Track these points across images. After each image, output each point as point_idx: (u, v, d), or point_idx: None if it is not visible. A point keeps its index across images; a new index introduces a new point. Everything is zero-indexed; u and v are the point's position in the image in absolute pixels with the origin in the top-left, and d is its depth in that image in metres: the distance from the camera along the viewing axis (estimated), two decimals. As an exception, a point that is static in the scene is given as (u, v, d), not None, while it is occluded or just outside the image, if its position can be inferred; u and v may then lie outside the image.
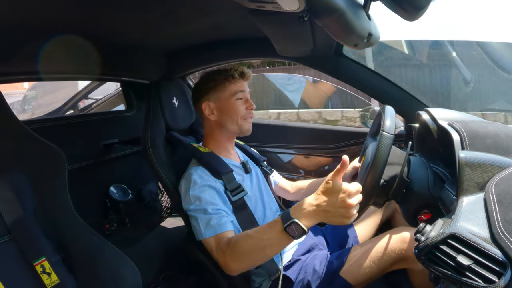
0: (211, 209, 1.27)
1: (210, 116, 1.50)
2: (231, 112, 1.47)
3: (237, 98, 1.47)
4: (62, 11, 1.05)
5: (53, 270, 1.04)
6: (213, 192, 1.33)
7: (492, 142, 0.99)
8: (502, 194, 0.77)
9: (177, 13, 1.21)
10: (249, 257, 1.14)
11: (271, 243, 1.08)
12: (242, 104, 1.48)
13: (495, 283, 0.66)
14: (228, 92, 1.47)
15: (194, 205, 1.30)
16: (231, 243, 1.17)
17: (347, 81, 1.76)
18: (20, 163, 1.11)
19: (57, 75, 1.62)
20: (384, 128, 1.10)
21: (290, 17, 0.99)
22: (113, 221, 2.02)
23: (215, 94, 1.49)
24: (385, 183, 1.14)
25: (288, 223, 1.01)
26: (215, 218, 1.26)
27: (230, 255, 1.15)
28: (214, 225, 1.25)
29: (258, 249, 1.11)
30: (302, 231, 1.01)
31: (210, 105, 1.49)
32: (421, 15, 0.89)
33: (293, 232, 1.01)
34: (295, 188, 1.78)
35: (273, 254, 1.13)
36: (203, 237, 1.26)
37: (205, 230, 1.25)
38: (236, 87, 1.48)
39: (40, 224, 1.09)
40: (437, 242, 0.77)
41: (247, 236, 1.15)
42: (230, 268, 1.17)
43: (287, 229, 1.02)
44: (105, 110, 3.02)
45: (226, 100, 1.47)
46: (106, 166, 2.05)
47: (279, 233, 1.04)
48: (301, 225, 1.00)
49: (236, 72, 1.48)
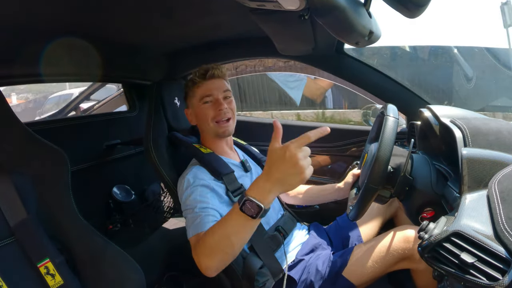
0: (199, 208, 1.25)
1: (192, 122, 1.53)
2: (202, 117, 1.47)
3: (204, 102, 1.46)
4: (63, 13, 1.06)
5: (57, 271, 1.04)
6: (205, 191, 1.31)
7: (495, 139, 0.98)
8: (505, 191, 0.77)
9: (178, 13, 1.21)
10: (216, 250, 1.08)
11: (233, 229, 1.04)
12: (210, 107, 1.45)
13: (499, 281, 0.66)
14: (197, 97, 1.47)
15: (185, 205, 1.30)
16: (200, 240, 1.12)
17: (349, 79, 1.75)
18: (23, 165, 1.12)
19: (59, 77, 1.62)
20: (389, 114, 1.11)
21: (291, 15, 0.99)
22: (116, 221, 2.03)
23: (190, 101, 1.52)
24: (392, 170, 1.13)
25: (242, 202, 0.98)
26: (199, 216, 1.23)
27: (200, 253, 1.10)
28: (198, 223, 1.21)
29: (223, 239, 1.05)
30: (258, 208, 0.96)
31: (189, 111, 1.52)
32: (421, 12, 0.89)
33: (248, 210, 0.97)
34: (294, 192, 1.78)
35: (239, 243, 1.07)
36: (188, 236, 1.23)
37: (189, 228, 1.23)
38: (202, 90, 1.47)
39: (44, 225, 1.09)
40: (440, 240, 0.76)
41: (211, 229, 1.11)
42: (203, 266, 1.10)
43: (242, 208, 0.98)
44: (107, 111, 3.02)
45: (197, 106, 1.48)
46: (108, 167, 2.06)
47: (237, 215, 1.00)
48: (255, 201, 0.96)
49: (196, 75, 1.47)
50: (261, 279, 1.38)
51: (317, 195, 1.72)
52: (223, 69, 1.52)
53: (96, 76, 1.74)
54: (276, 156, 0.95)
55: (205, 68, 1.48)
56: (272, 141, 0.97)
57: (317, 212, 1.43)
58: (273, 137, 0.98)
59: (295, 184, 0.95)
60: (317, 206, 1.96)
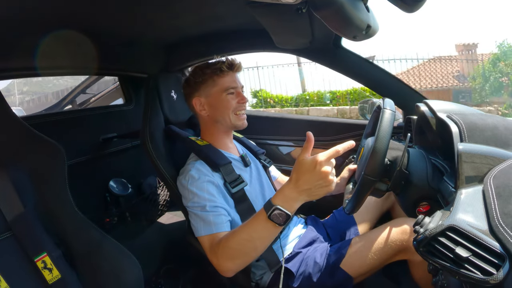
0: (209, 206, 1.26)
1: (201, 111, 1.48)
2: (222, 107, 1.44)
3: (228, 92, 1.44)
4: (59, 5, 1.05)
5: (54, 265, 1.04)
6: (212, 188, 1.31)
7: (491, 134, 0.99)
8: (500, 187, 0.77)
9: (175, 5, 1.21)
10: (240, 254, 1.15)
11: (259, 235, 1.10)
12: (234, 98, 1.45)
13: (494, 275, 0.66)
14: (219, 87, 1.44)
15: (192, 202, 1.29)
16: (221, 243, 1.17)
17: (346, 73, 1.75)
18: (19, 159, 1.11)
19: (55, 70, 1.61)
20: (386, 107, 1.11)
21: (288, 9, 0.99)
22: (113, 215, 2.03)
23: (205, 89, 1.46)
24: (388, 163, 1.13)
25: (271, 211, 1.04)
26: (211, 215, 1.25)
27: (221, 255, 1.15)
28: (211, 223, 1.24)
29: (247, 243, 1.12)
30: (286, 216, 1.04)
31: (201, 100, 1.47)
32: (420, 7, 0.89)
33: (277, 218, 1.04)
34: None
35: (262, 247, 1.15)
36: (199, 234, 1.25)
37: (202, 227, 1.25)
38: (226, 81, 1.45)
39: (41, 219, 1.09)
40: (435, 234, 0.77)
41: (234, 233, 1.16)
42: (224, 268, 1.17)
43: (271, 216, 1.05)
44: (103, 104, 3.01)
45: (217, 95, 1.45)
46: (105, 160, 2.06)
47: (264, 222, 1.07)
48: (284, 210, 1.03)
49: (224, 64, 1.45)
50: (258, 272, 1.39)
51: None
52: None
53: (92, 69, 1.73)
54: (305, 168, 1.01)
55: (231, 60, 1.47)
56: (302, 152, 1.03)
57: (314, 206, 1.44)
58: (304, 148, 1.03)
59: (321, 195, 1.04)
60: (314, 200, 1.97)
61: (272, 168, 1.79)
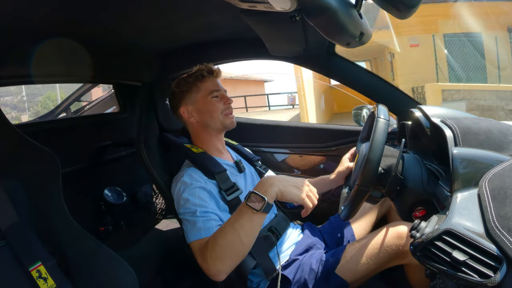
0: (199, 211, 1.26)
1: (190, 119, 1.51)
2: (210, 110, 1.48)
3: (213, 96, 1.49)
4: (53, 13, 1.05)
5: (49, 275, 1.03)
6: (204, 193, 1.31)
7: (485, 138, 0.99)
8: (495, 190, 0.78)
9: (169, 13, 1.21)
10: (227, 252, 1.13)
11: (242, 226, 1.11)
12: (219, 101, 1.50)
13: (491, 278, 0.66)
14: (203, 92, 1.49)
15: (183, 208, 1.29)
16: (208, 244, 1.15)
17: (340, 80, 1.76)
18: (13, 168, 1.10)
19: (49, 78, 1.61)
20: (379, 116, 1.12)
21: (282, 16, 0.99)
22: (108, 224, 2.01)
23: (190, 97, 1.50)
24: (383, 172, 1.14)
25: (247, 195, 1.10)
26: (201, 221, 1.24)
27: (210, 257, 1.13)
28: (200, 228, 1.23)
29: (233, 238, 1.11)
30: (262, 200, 1.08)
31: (188, 108, 1.51)
32: (412, 13, 0.90)
33: (253, 203, 1.08)
34: None
35: (248, 241, 1.14)
36: (189, 240, 1.24)
37: (191, 233, 1.24)
38: (209, 85, 1.50)
39: (35, 228, 1.08)
40: (432, 238, 0.77)
41: (219, 231, 1.16)
42: (214, 271, 1.13)
43: (248, 201, 1.09)
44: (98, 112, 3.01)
45: (203, 100, 1.49)
46: (100, 168, 2.04)
47: (244, 210, 1.10)
48: (259, 194, 1.09)
49: (204, 70, 1.50)
50: (255, 280, 1.39)
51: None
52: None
53: (87, 77, 1.72)
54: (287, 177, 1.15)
55: (210, 66, 1.53)
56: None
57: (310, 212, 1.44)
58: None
59: (292, 195, 1.12)
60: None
61: (268, 174, 1.79)
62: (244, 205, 1.10)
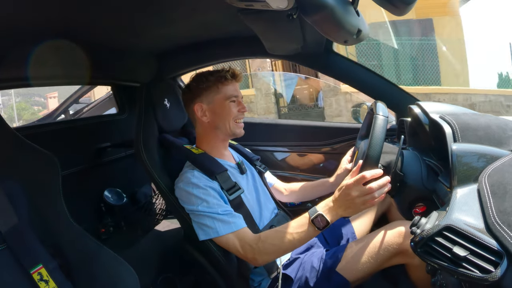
0: (221, 210, 1.30)
1: (202, 117, 1.48)
2: (224, 114, 1.46)
3: (231, 100, 1.47)
4: (51, 15, 1.04)
5: (50, 277, 1.02)
6: (216, 194, 1.33)
7: (484, 133, 0.99)
8: (495, 185, 0.78)
9: (166, 12, 1.21)
10: (279, 250, 1.26)
11: (300, 236, 1.21)
12: (235, 107, 1.48)
13: (492, 273, 0.66)
14: (222, 94, 1.46)
15: (202, 206, 1.30)
16: (261, 239, 1.27)
17: (338, 78, 1.76)
18: (13, 170, 1.10)
19: (47, 81, 1.60)
20: (378, 113, 1.13)
21: (279, 15, 0.99)
22: (108, 225, 2.01)
23: (208, 96, 1.47)
24: (382, 168, 1.14)
25: (315, 216, 1.18)
26: (227, 216, 1.29)
27: (260, 250, 1.25)
28: (230, 222, 1.29)
29: (288, 242, 1.22)
30: (326, 222, 1.16)
31: (203, 106, 1.48)
32: (409, 9, 0.90)
33: (318, 223, 1.17)
34: (289, 191, 1.81)
35: (298, 246, 1.27)
36: (220, 234, 1.28)
37: (221, 227, 1.28)
38: (230, 89, 1.47)
39: (35, 231, 1.08)
40: (432, 234, 0.77)
41: (277, 232, 1.28)
42: (259, 262, 1.28)
43: (314, 221, 1.18)
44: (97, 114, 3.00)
45: (220, 102, 1.46)
46: (99, 170, 2.04)
47: (307, 225, 1.20)
48: (325, 217, 1.16)
49: (229, 73, 1.47)
50: (256, 279, 1.39)
51: (311, 192, 1.77)
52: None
53: (85, 78, 1.72)
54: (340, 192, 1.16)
55: (234, 70, 1.51)
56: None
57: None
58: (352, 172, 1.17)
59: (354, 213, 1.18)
60: (309, 204, 1.98)
61: (268, 174, 1.80)
62: (310, 222, 1.19)
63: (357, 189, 1.10)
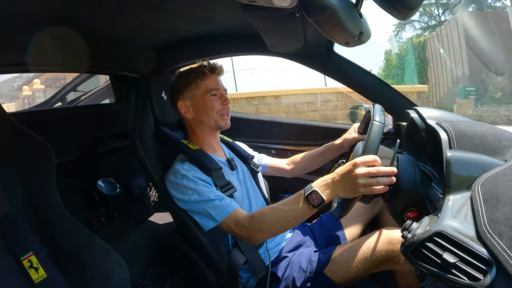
0: (213, 195, 1.31)
1: (186, 114, 1.51)
2: (207, 108, 1.47)
3: (211, 94, 1.47)
4: (51, 3, 1.03)
5: (40, 265, 1.02)
6: (205, 183, 1.35)
7: (480, 142, 1.00)
8: (488, 194, 0.78)
9: (167, 5, 1.20)
10: (273, 229, 1.27)
11: (294, 213, 1.21)
12: (217, 100, 1.48)
13: (480, 281, 0.67)
14: (202, 89, 1.48)
15: (194, 196, 1.32)
16: (254, 217, 1.27)
17: (337, 79, 1.76)
18: (7, 157, 1.09)
19: (45, 67, 1.59)
20: (375, 118, 1.13)
21: (282, 13, 0.99)
22: (101, 215, 2.01)
23: (189, 92, 1.49)
24: None
25: (309, 192, 1.16)
26: (218, 201, 1.31)
27: (255, 228, 1.26)
28: (223, 206, 1.31)
29: (282, 220, 1.24)
30: (321, 200, 1.14)
31: (186, 103, 1.50)
32: (412, 14, 0.90)
33: (313, 200, 1.15)
34: (292, 163, 1.81)
35: (293, 225, 1.32)
36: (219, 221, 1.30)
37: (217, 214, 1.30)
38: (209, 83, 1.48)
39: (28, 218, 1.07)
40: (423, 239, 0.78)
41: (272, 209, 1.28)
42: (254, 239, 1.29)
43: (308, 197, 1.16)
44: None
45: (201, 97, 1.48)
46: (94, 160, 2.03)
47: (302, 202, 1.18)
48: (320, 193, 1.14)
49: (206, 68, 1.48)
50: (244, 275, 1.40)
51: (317, 158, 1.78)
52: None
53: (83, 67, 1.71)
54: (342, 167, 1.15)
55: (212, 64, 1.51)
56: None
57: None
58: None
59: (351, 195, 1.14)
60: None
61: (263, 156, 1.83)
62: (304, 199, 1.17)
63: (363, 168, 1.08)
